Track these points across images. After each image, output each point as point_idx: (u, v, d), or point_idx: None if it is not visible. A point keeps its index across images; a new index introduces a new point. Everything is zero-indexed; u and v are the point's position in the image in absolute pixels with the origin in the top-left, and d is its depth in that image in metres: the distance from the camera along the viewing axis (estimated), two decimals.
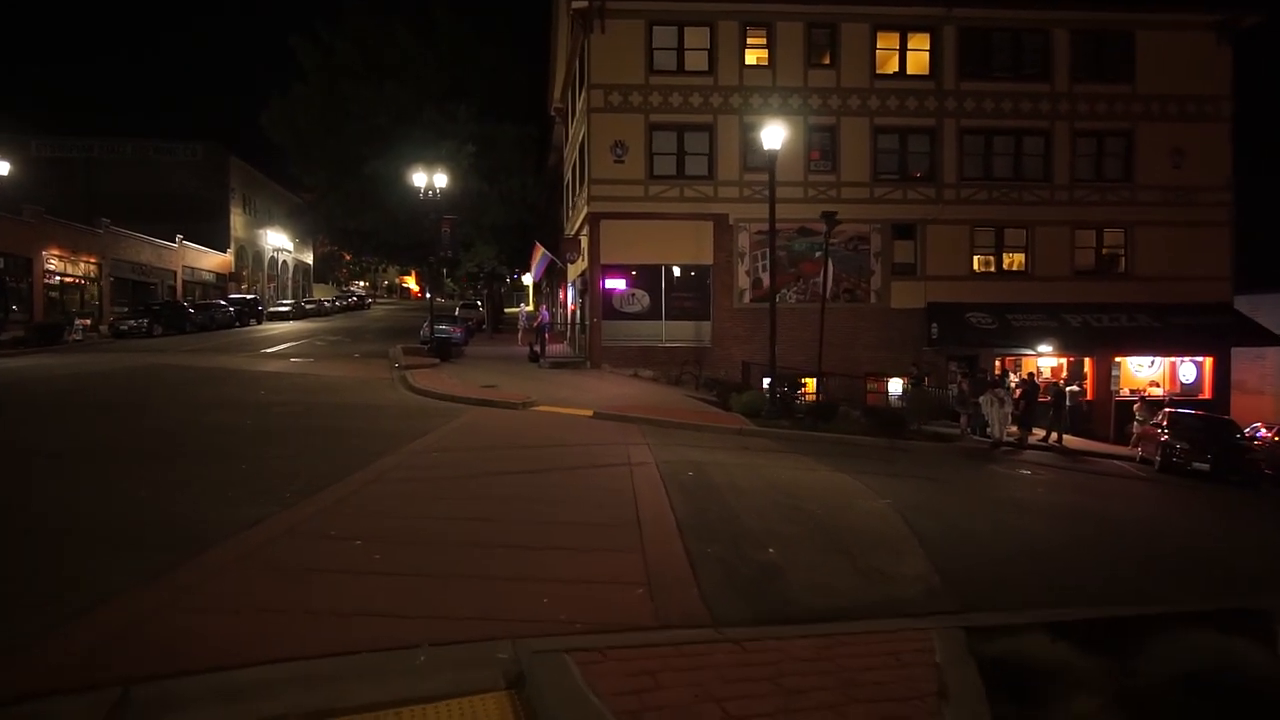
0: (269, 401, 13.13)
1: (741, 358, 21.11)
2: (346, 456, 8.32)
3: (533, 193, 30.12)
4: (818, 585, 5.01)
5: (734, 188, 21.19)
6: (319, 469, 7.59)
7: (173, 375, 16.89)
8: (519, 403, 13.96)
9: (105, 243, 35.24)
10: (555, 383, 17.76)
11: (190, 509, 6.02)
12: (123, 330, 28.68)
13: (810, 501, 7.77)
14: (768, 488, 8.23)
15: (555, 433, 11.36)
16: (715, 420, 13.66)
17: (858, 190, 21.43)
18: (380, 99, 28.32)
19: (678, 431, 12.43)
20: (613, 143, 20.93)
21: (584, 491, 7.27)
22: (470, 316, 37.06)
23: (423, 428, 10.73)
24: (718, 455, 10.31)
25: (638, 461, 8.98)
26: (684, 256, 21.26)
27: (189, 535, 5.23)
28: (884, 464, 11.49)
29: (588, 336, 21.61)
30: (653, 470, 8.50)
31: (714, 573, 5.03)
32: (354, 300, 59.31)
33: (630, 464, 8.83)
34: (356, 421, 11.13)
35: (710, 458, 9.96)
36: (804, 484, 8.80)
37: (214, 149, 46.30)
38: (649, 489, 7.46)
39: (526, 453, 9.41)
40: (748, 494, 7.77)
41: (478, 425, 11.47)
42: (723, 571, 5.09)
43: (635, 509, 6.56)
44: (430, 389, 15.32)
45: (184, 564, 4.68)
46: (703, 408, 15.50)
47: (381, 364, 20.72)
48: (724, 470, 9.02)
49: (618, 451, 9.77)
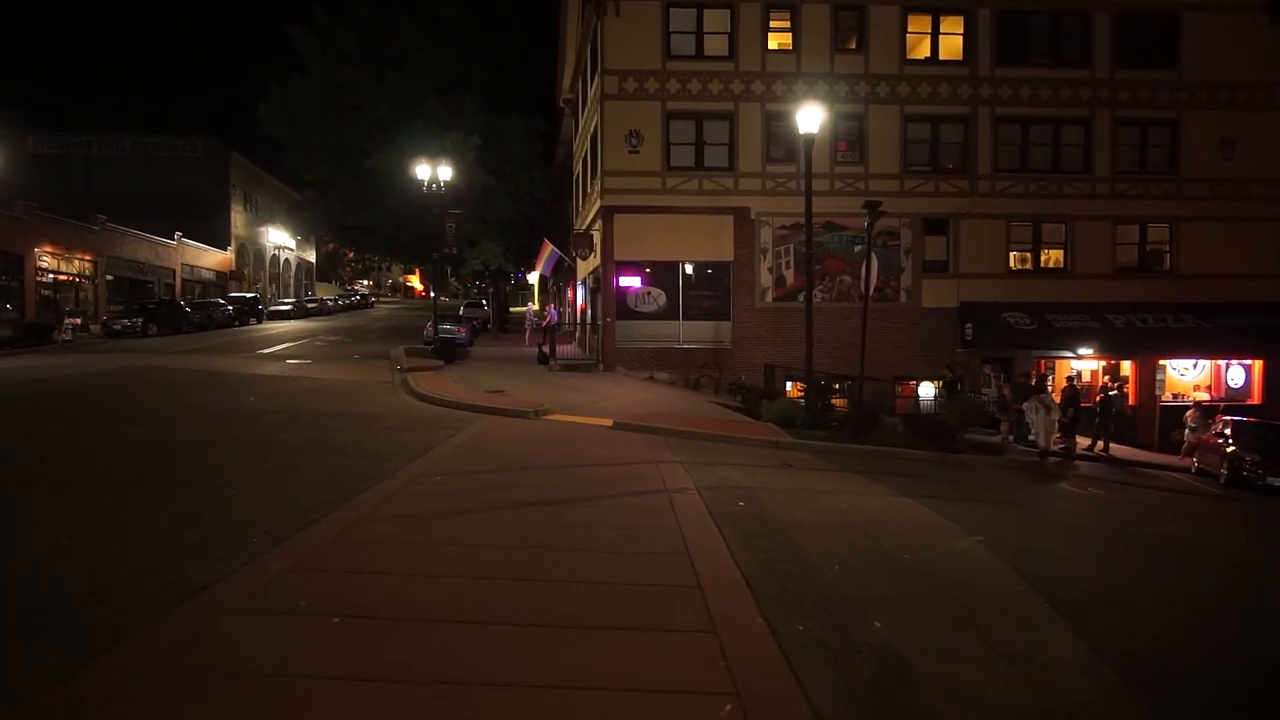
0: (256, 410, 11.75)
1: (764, 360, 19.70)
2: (334, 482, 6.94)
3: (540, 187, 28.68)
4: (964, 689, 3.60)
5: (756, 179, 19.76)
6: (298, 502, 6.21)
7: (156, 378, 15.52)
8: (530, 411, 12.58)
9: (101, 240, 33.89)
10: (567, 387, 16.38)
11: (119, 566, 4.61)
12: (116, 330, 27.35)
13: (890, 539, 6.38)
14: (834, 521, 6.83)
15: (573, 448, 9.97)
16: (747, 431, 12.25)
17: (887, 183, 19.98)
18: (382, 90, 26.89)
19: (709, 445, 11.02)
20: (627, 132, 19.51)
21: (618, 533, 5.86)
22: (475, 316, 35.74)
23: (424, 442, 9.34)
24: (762, 476, 8.91)
25: (675, 487, 7.58)
26: (703, 252, 19.83)
27: (104, 615, 3.83)
28: (943, 483, 10.09)
29: (600, 337, 20.21)
30: (695, 499, 7.10)
31: (821, 670, 3.61)
32: (357, 299, 57.98)
33: (667, 490, 7.43)
34: (351, 434, 9.75)
35: (755, 480, 8.56)
36: (872, 514, 7.40)
37: (214, 145, 44.97)
38: (698, 528, 6.06)
39: (543, 476, 8.01)
40: (815, 532, 6.38)
41: (486, 438, 10.08)
42: (832, 668, 3.66)
43: (689, 560, 5.16)
44: (434, 394, 13.95)
45: (80, 670, 3.27)
46: (730, 416, 14.10)
47: (382, 366, 19.37)
48: (777, 498, 7.62)
49: (649, 473, 8.38)
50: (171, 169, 43.91)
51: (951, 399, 18.94)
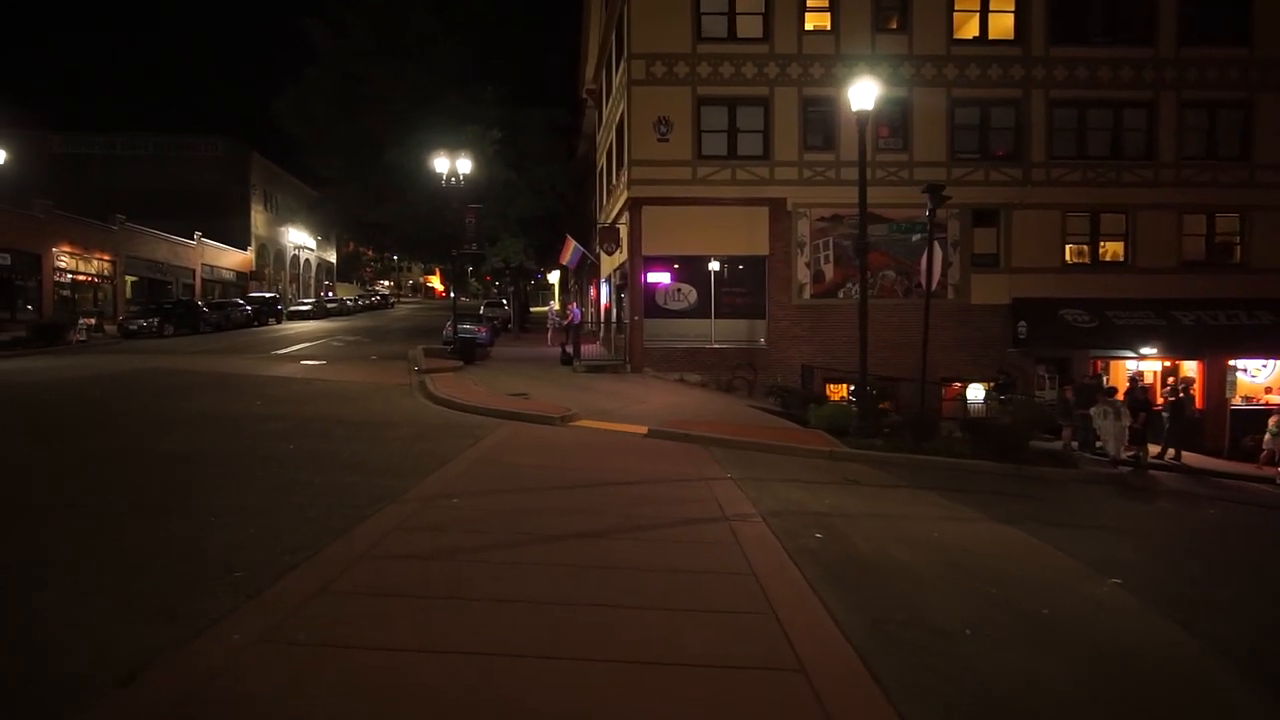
0: (260, 415, 10.64)
1: (801, 360, 18.35)
2: (330, 508, 5.75)
3: (562, 181, 27.51)
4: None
5: (792, 168, 18.41)
6: (284, 536, 5.02)
7: (162, 381, 14.50)
8: (557, 417, 11.35)
9: (119, 239, 33.25)
10: (594, 390, 15.15)
11: (24, 638, 3.44)
12: (132, 330, 26.55)
13: (1012, 585, 5.06)
14: (937, 560, 5.51)
15: (607, 460, 8.73)
16: (796, 439, 10.93)
17: (932, 171, 18.51)
18: (398, 82, 25.86)
19: (758, 456, 9.73)
20: (656, 119, 18.24)
21: (679, 582, 4.58)
22: (496, 315, 34.65)
23: (440, 454, 8.15)
24: (828, 496, 7.60)
25: (735, 512, 6.30)
26: (736, 246, 18.51)
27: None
28: (1030, 503, 8.71)
29: (627, 336, 18.97)
30: (762, 530, 5.82)
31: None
32: (377, 299, 57.19)
33: (726, 517, 6.16)
34: (359, 445, 8.57)
35: (822, 501, 7.26)
36: (975, 548, 6.07)
37: (235, 144, 44.37)
38: (777, 573, 4.77)
39: (576, 498, 6.77)
40: (921, 576, 5.07)
41: (508, 449, 8.86)
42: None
43: (778, 624, 3.88)
44: (452, 398, 12.78)
45: None
46: (773, 422, 12.78)
47: (400, 367, 18.27)
48: (856, 527, 6.32)
49: (699, 493, 7.11)
50: (192, 168, 43.36)
51: (1005, 402, 17.51)
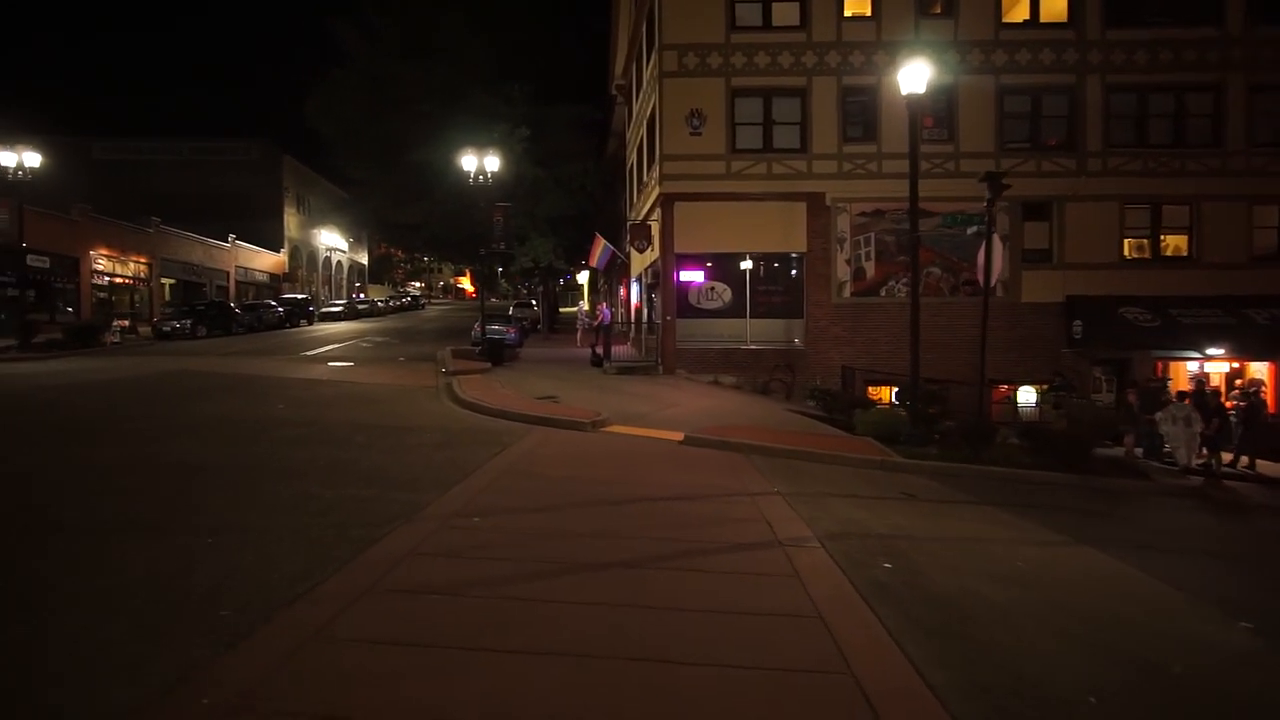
0: (280, 420, 10.18)
1: (841, 362, 17.49)
2: (339, 528, 5.16)
3: (592, 179, 26.92)
4: None
5: (831, 162, 17.55)
6: (283, 561, 4.44)
7: (185, 383, 14.19)
8: (587, 422, 10.72)
9: (155, 242, 33.49)
10: (625, 393, 14.50)
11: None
12: (166, 331, 26.60)
13: (1122, 631, 4.26)
14: (1030, 598, 4.72)
15: (642, 471, 8.05)
16: (843, 448, 10.14)
17: (980, 162, 17.45)
18: (426, 81, 25.49)
19: (804, 466, 8.98)
20: (688, 112, 17.53)
21: (733, 627, 3.87)
22: (525, 316, 34.23)
23: (464, 463, 7.55)
24: (889, 513, 6.83)
25: (789, 536, 5.58)
26: (772, 243, 17.71)
27: None
28: (1112, 521, 7.85)
29: (658, 337, 18.28)
30: (823, 558, 5.09)
31: None
32: (407, 300, 57.25)
33: (779, 541, 5.44)
34: (379, 453, 8.02)
35: (883, 520, 6.49)
36: (1068, 580, 5.27)
37: (268, 147, 44.64)
38: (846, 615, 4.05)
39: (611, 517, 6.10)
40: (1014, 619, 4.30)
41: (537, 458, 8.24)
42: None
43: (856, 685, 3.17)
44: (479, 401, 12.23)
45: None
46: (816, 428, 11.99)
47: (427, 369, 17.82)
48: (926, 553, 5.55)
49: (745, 510, 6.39)
50: (227, 172, 43.71)
51: (1060, 406, 16.48)
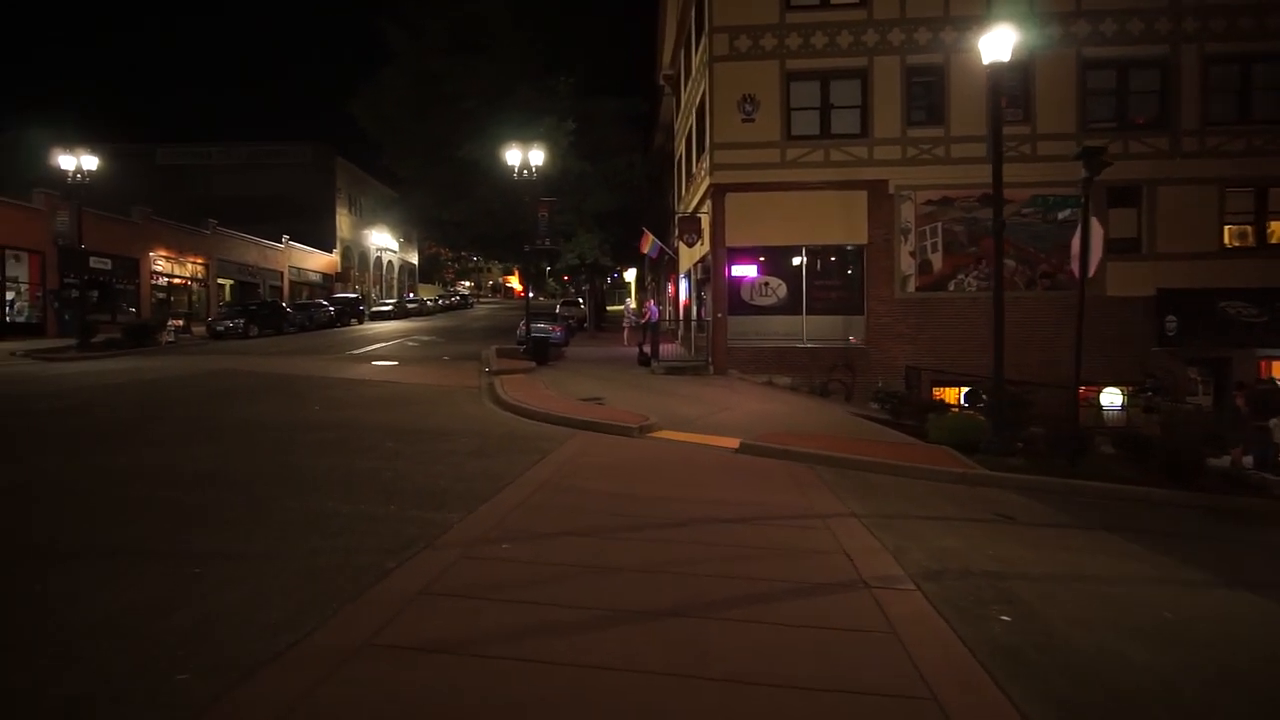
0: (311, 423, 9.64)
1: (905, 361, 16.27)
2: (347, 554, 4.43)
3: (638, 173, 26.10)
4: None
5: (895, 147, 16.33)
6: (274, 600, 3.71)
7: (225, 384, 13.89)
8: (634, 427, 9.88)
9: (212, 244, 34.06)
10: (674, 394, 13.61)
11: None
12: (219, 331, 26.82)
13: None
14: (1200, 667, 3.67)
15: (694, 485, 7.16)
16: (918, 458, 9.05)
17: (1059, 144, 16.06)
18: (472, 79, 25.06)
19: (878, 480, 7.94)
20: (740, 98, 16.53)
21: (819, 711, 2.97)
22: (572, 314, 33.66)
23: (498, 474, 6.80)
24: (987, 542, 5.77)
25: (875, 573, 4.60)
26: (830, 235, 16.59)
27: None
28: (1258, 553, 6.63)
29: (709, 335, 17.34)
30: (920, 605, 4.12)
31: None
32: (456, 299, 57.48)
33: (864, 581, 4.47)
34: (407, 461, 7.34)
35: (983, 551, 5.45)
36: (1248, 643, 4.18)
37: (321, 150, 45.24)
38: (969, 699, 3.09)
39: (660, 544, 5.22)
40: (1185, 701, 3.29)
41: (578, 469, 7.43)
42: None
43: None
44: (521, 403, 11.52)
45: None
46: (883, 435, 10.89)
47: (470, 369, 17.28)
48: (1050, 597, 4.51)
49: (818, 539, 5.44)
50: (282, 174, 44.47)
51: (1152, 410, 14.95)
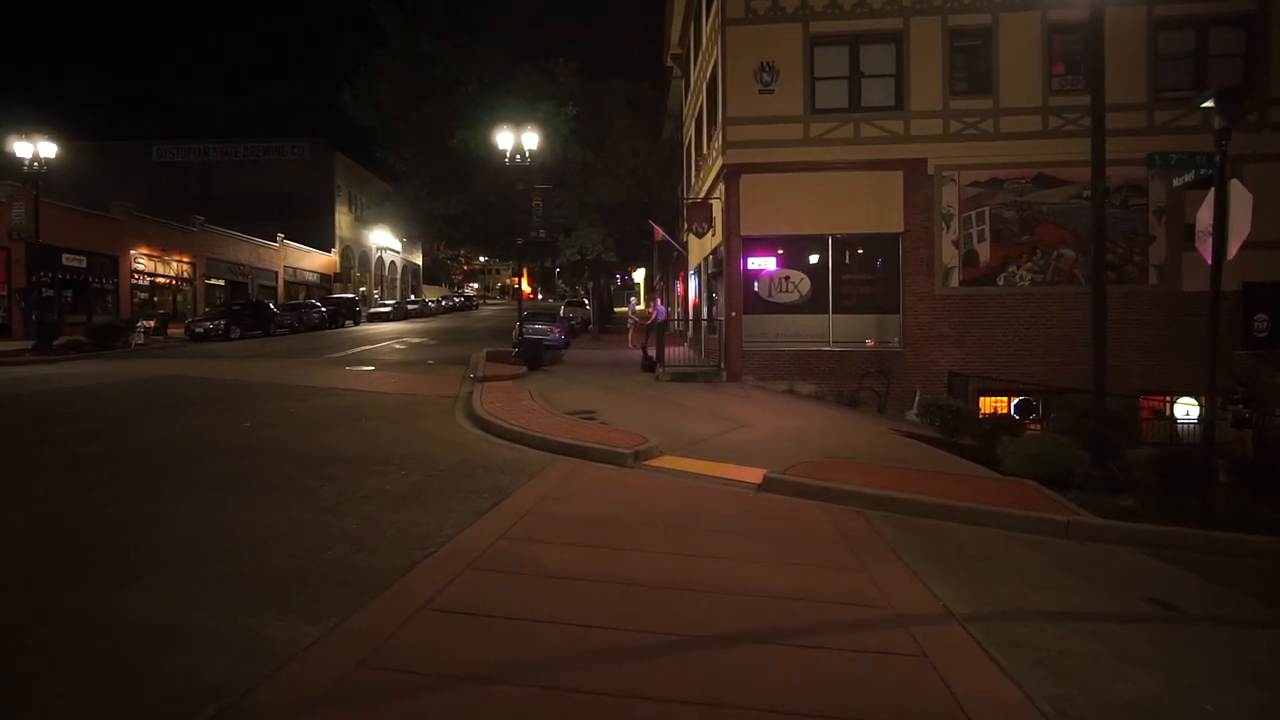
0: (222, 448, 7.57)
1: (947, 366, 14.02)
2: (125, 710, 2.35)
3: (646, 162, 23.93)
4: None
5: (935, 120, 14.09)
6: None
7: (165, 393, 11.88)
8: (628, 452, 7.73)
9: (200, 242, 32.21)
10: (681, 405, 11.45)
11: None
12: (198, 333, 24.93)
13: None
14: None
15: (705, 559, 4.95)
16: (1000, 498, 6.82)
17: (1126, 116, 13.77)
18: (469, 62, 23.02)
19: (955, 532, 5.75)
20: (757, 66, 14.35)
21: None
22: (575, 315, 31.57)
23: (422, 537, 4.66)
24: (1180, 668, 3.60)
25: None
26: (860, 222, 14.36)
27: None
28: None
29: (721, 337, 15.16)
30: None
31: None
32: (460, 301, 55.57)
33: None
34: (305, 512, 5.22)
35: (1188, 703, 3.29)
36: None
37: (320, 147, 43.47)
38: None
39: (652, 686, 3.09)
40: None
41: (539, 531, 5.25)
42: None
43: None
44: (498, 419, 9.42)
45: None
46: (942, 460, 8.65)
47: (454, 374, 15.23)
48: None
49: (907, 672, 3.28)
50: (280, 172, 42.76)
51: (1243, 424, 12.63)
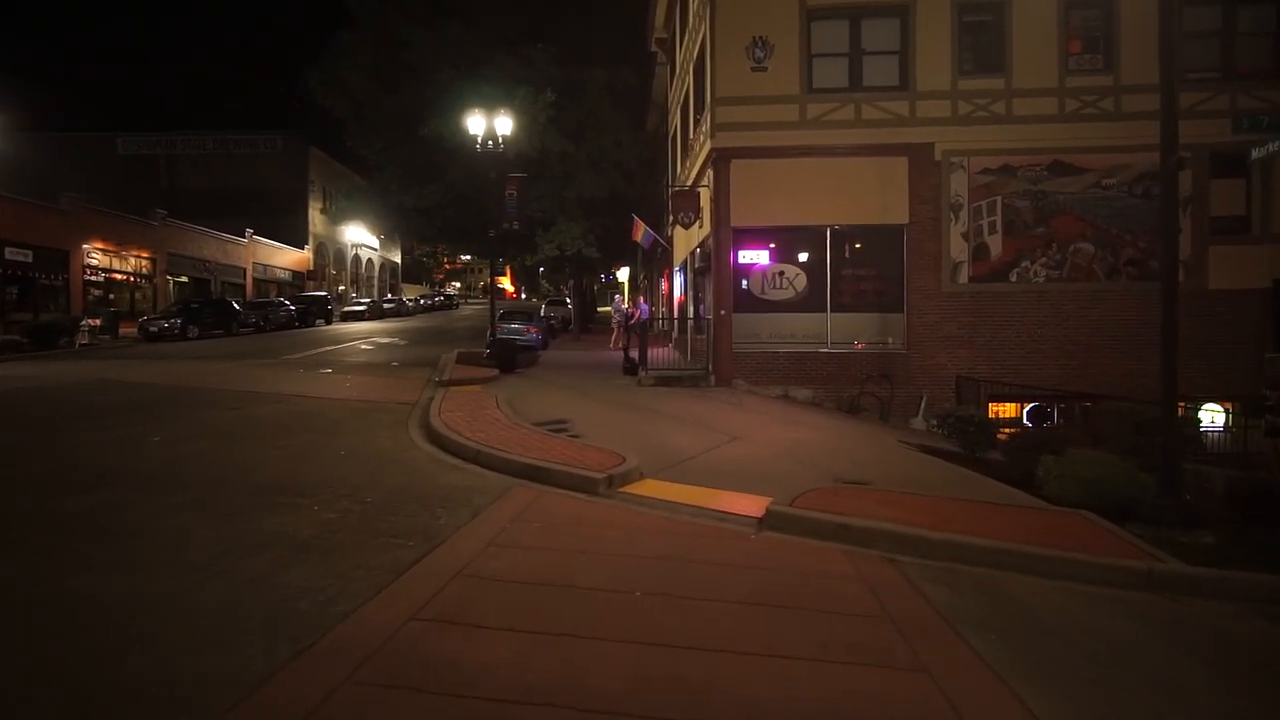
0: (112, 472, 6.11)
1: (955, 369, 12.77)
2: None
3: (629, 153, 22.55)
4: None
5: (943, 102, 12.83)
6: None
7: (81, 399, 10.34)
8: (600, 476, 6.34)
9: (160, 236, 30.37)
10: (665, 415, 10.08)
11: None
12: (153, 332, 23.24)
13: None
14: None
15: (697, 653, 3.61)
16: (1050, 535, 5.48)
17: (1149, 98, 12.48)
18: (442, 46, 21.52)
19: (1009, 585, 4.42)
20: (749, 41, 13.01)
21: None
22: (556, 315, 30.14)
23: (318, 613, 3.28)
24: None
25: None
26: (861, 213, 13.06)
27: None
28: None
29: (709, 337, 13.80)
30: None
31: None
32: (440, 300, 53.83)
33: None
34: (169, 574, 3.82)
35: None
36: None
37: (293, 140, 41.64)
38: None
39: None
40: None
41: (471, 604, 3.80)
42: None
43: None
44: (454, 432, 7.99)
45: None
46: (972, 482, 7.32)
47: (418, 378, 13.76)
48: None
49: None
50: (252, 166, 40.92)
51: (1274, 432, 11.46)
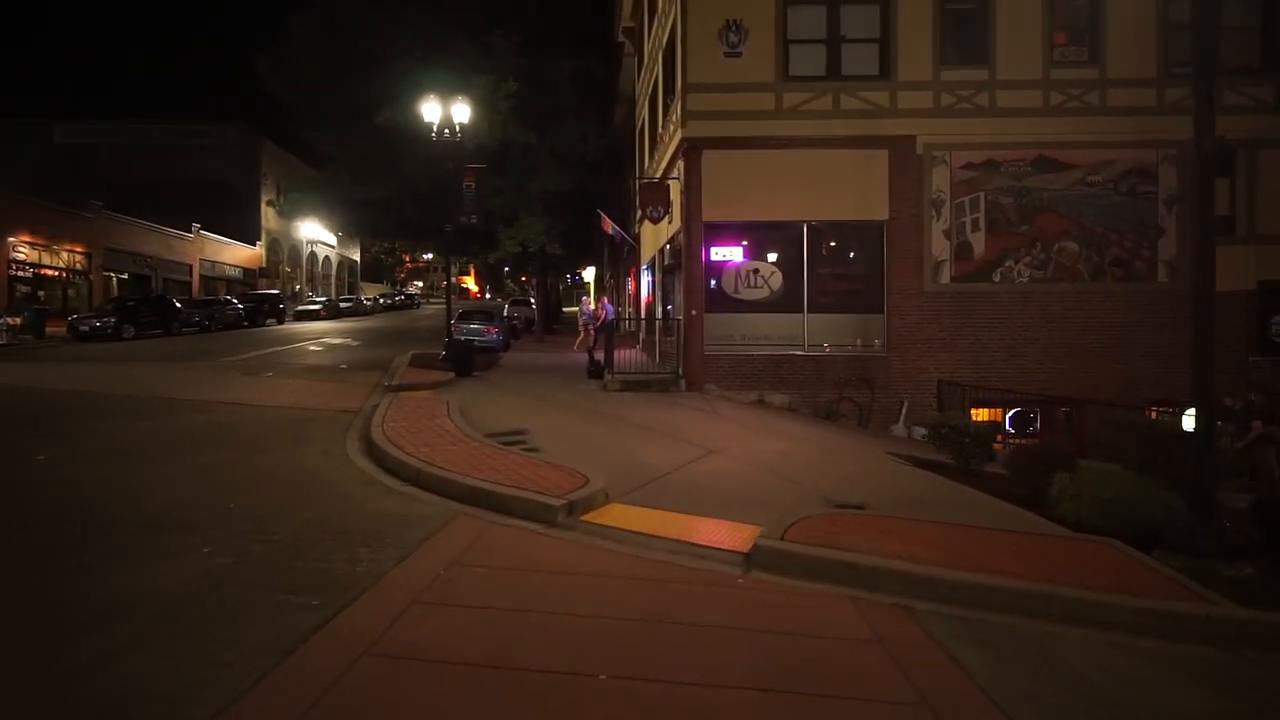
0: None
1: (937, 373, 12.09)
2: None
3: (595, 147, 21.58)
4: None
5: (925, 93, 12.13)
6: None
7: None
8: (559, 503, 5.37)
9: (96, 230, 28.40)
10: (632, 425, 9.15)
11: None
12: (83, 331, 21.50)
13: None
14: None
15: None
16: (1080, 571, 4.69)
17: (1135, 93, 12.12)
18: (398, 34, 20.28)
19: (1050, 643, 3.62)
20: (722, 25, 12.15)
21: None
22: (519, 315, 28.95)
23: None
24: None
25: None
26: (840, 208, 12.30)
27: None
28: None
29: (679, 339, 12.91)
30: None
31: None
32: (400, 299, 52.03)
33: None
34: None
35: None
36: None
37: (245, 132, 39.66)
38: None
39: None
40: None
41: (385, 701, 2.92)
42: None
43: None
44: (395, 447, 6.96)
45: None
46: (971, 501, 6.52)
47: (365, 382, 12.60)
48: None
49: None
50: (201, 158, 38.81)
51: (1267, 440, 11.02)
